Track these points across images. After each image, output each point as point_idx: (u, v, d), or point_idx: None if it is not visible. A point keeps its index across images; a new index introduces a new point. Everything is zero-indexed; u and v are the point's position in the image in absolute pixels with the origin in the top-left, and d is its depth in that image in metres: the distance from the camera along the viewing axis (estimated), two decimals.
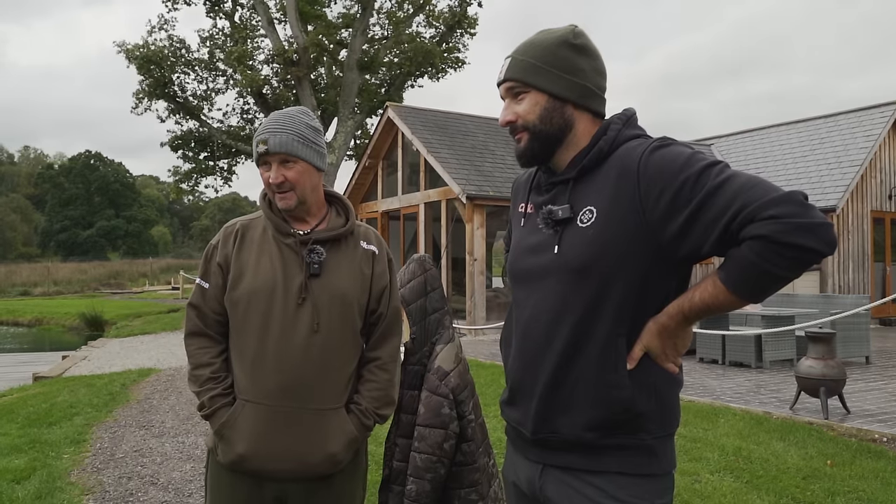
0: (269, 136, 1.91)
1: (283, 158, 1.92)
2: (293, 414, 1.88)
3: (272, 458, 1.88)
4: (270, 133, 1.92)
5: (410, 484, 2.12)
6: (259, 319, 1.90)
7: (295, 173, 1.94)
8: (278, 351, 1.88)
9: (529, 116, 1.55)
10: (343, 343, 1.94)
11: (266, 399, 1.88)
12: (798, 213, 1.26)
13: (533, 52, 1.55)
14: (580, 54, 1.54)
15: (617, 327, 1.45)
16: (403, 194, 15.31)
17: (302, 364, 1.88)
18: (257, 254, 1.96)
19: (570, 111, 1.54)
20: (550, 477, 1.55)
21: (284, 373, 1.88)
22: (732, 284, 1.35)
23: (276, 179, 1.92)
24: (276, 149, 1.91)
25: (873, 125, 15.55)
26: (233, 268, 1.95)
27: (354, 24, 22.14)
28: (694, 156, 1.40)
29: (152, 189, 79.79)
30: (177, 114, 23.40)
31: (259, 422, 1.88)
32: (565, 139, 1.56)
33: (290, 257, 1.94)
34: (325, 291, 1.92)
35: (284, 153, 1.92)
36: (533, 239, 1.59)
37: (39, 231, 68.36)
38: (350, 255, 2.01)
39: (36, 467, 4.83)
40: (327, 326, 1.91)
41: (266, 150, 1.91)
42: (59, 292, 39.11)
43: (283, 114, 1.98)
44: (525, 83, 1.55)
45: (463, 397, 2.26)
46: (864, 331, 9.13)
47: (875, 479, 4.38)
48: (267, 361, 1.89)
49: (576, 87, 1.53)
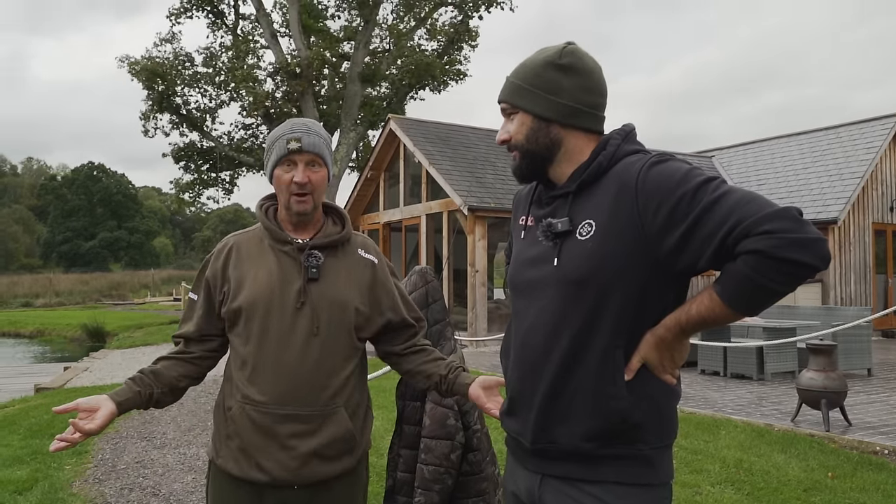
0: (303, 136, 1.93)
1: (312, 160, 1.94)
2: (293, 416, 1.88)
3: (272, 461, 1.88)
4: (303, 132, 1.93)
5: (419, 496, 2.14)
6: (258, 326, 1.91)
7: (319, 177, 1.95)
8: (278, 355, 1.89)
9: (518, 136, 1.60)
10: (341, 347, 1.94)
11: (267, 403, 1.89)
12: (793, 228, 1.29)
13: (521, 74, 1.60)
14: (565, 74, 1.56)
15: (615, 339, 1.47)
16: (405, 206, 15.35)
17: (301, 367, 1.89)
18: (256, 264, 1.97)
19: (557, 130, 1.57)
20: (549, 487, 1.56)
21: (284, 376, 1.89)
22: (728, 298, 1.38)
23: (303, 179, 1.92)
24: (310, 148, 1.92)
25: (874, 137, 15.59)
26: (232, 281, 1.97)
27: (357, 36, 22.29)
28: (691, 171, 1.43)
29: (154, 200, 79.94)
30: (180, 126, 23.50)
31: (260, 426, 1.89)
32: (554, 157, 1.59)
33: (287, 264, 1.94)
34: (323, 296, 1.93)
35: (315, 154, 1.94)
36: (533, 251, 1.61)
37: (42, 242, 68.46)
38: (348, 263, 2.01)
39: (38, 478, 4.83)
40: (326, 330, 1.91)
41: (299, 148, 1.91)
42: (60, 303, 39.13)
43: (306, 120, 2.01)
44: (513, 105, 1.60)
45: (468, 408, 2.28)
46: (866, 343, 9.12)
47: (876, 492, 4.38)
48: (267, 366, 1.90)
49: (559, 107, 1.56)
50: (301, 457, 1.88)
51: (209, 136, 23.84)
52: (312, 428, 1.89)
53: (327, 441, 1.90)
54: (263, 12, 22.25)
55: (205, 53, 23.38)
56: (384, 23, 23.00)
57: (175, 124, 23.45)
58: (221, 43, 23.71)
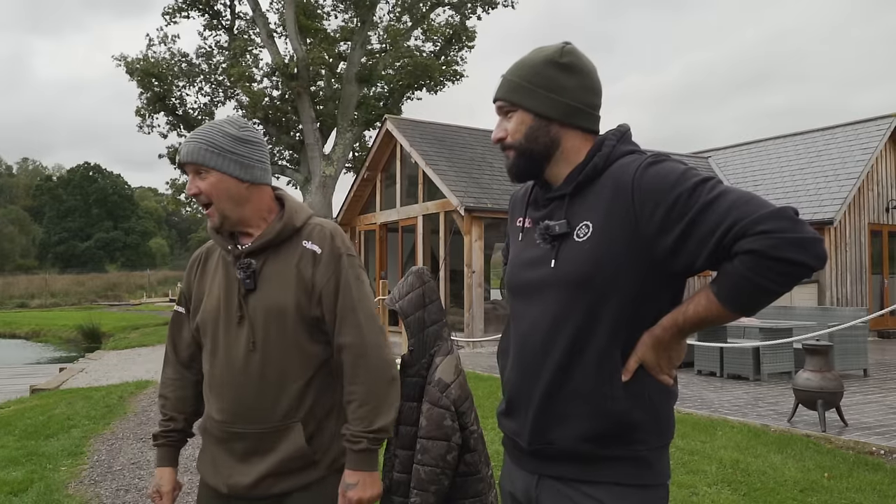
0: (186, 145, 1.83)
1: (196, 169, 1.83)
2: (242, 435, 1.84)
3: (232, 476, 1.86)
4: (188, 142, 1.83)
5: (415, 497, 2.13)
6: (210, 343, 1.89)
7: (208, 185, 1.82)
8: (221, 373, 1.85)
9: (516, 135, 1.59)
10: (285, 357, 1.82)
11: (222, 422, 1.86)
12: (789, 228, 1.29)
13: (520, 72, 1.58)
14: (567, 73, 1.55)
15: (612, 340, 1.47)
16: (402, 206, 15.35)
17: (243, 386, 1.82)
18: (211, 278, 1.93)
19: (556, 129, 1.57)
20: (546, 487, 1.56)
21: (229, 395, 1.84)
22: (725, 298, 1.38)
23: (189, 190, 1.85)
24: (188, 158, 1.82)
25: (870, 138, 15.63)
26: (194, 296, 1.96)
27: (353, 37, 22.27)
28: (687, 172, 1.43)
29: (150, 201, 79.83)
30: (177, 127, 23.45)
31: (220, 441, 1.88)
32: (553, 156, 1.58)
33: (232, 276, 1.87)
34: (259, 306, 1.82)
35: (193, 162, 1.81)
36: (530, 253, 1.61)
37: (37, 243, 68.32)
38: (287, 261, 1.85)
39: (33, 479, 4.82)
40: (264, 343, 1.81)
41: (181, 161, 1.83)
42: (56, 304, 39.08)
43: (206, 125, 1.88)
44: (512, 103, 1.59)
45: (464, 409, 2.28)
46: (862, 343, 9.15)
47: (872, 492, 4.39)
48: (215, 385, 1.87)
49: (560, 106, 1.55)
50: (255, 474, 1.83)
51: None
52: (265, 446, 1.83)
53: (280, 460, 1.82)
54: (260, 12, 22.23)
55: (201, 52, 23.36)
56: (381, 22, 23.02)
57: (172, 125, 23.40)
58: (217, 42, 23.72)
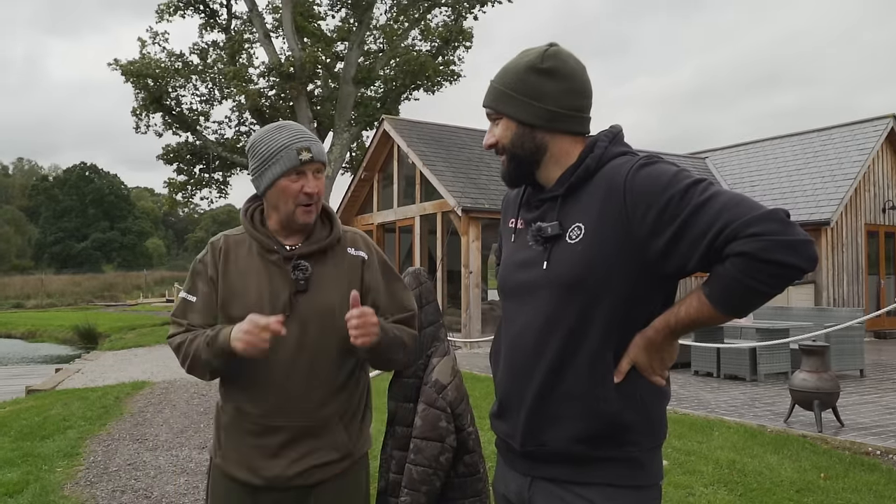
0: (312, 145, 1.89)
1: (318, 168, 1.91)
2: (283, 428, 1.88)
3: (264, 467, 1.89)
4: (311, 142, 1.90)
5: (405, 496, 2.13)
6: None
7: (322, 185, 1.93)
8: (267, 370, 1.88)
9: (504, 141, 1.60)
10: (331, 358, 1.92)
11: (258, 415, 1.89)
12: (780, 230, 1.29)
13: (504, 79, 1.58)
14: (548, 78, 1.54)
15: (604, 341, 1.47)
16: (399, 207, 15.34)
17: (289, 382, 1.88)
18: (245, 274, 1.93)
19: (542, 135, 1.56)
20: (539, 489, 1.56)
21: (273, 391, 1.88)
22: (716, 300, 1.38)
23: (314, 189, 1.89)
24: (320, 157, 1.89)
25: (866, 139, 15.67)
26: (221, 289, 1.93)
27: (350, 37, 22.26)
28: (679, 173, 1.43)
29: (147, 201, 79.71)
30: (173, 126, 23.42)
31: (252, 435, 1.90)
32: (541, 161, 1.58)
33: (276, 274, 1.91)
34: (311, 307, 1.89)
35: (322, 163, 1.91)
36: (523, 255, 1.61)
37: (33, 243, 68.19)
38: (338, 265, 1.96)
39: (29, 481, 4.81)
40: (314, 342, 1.89)
41: (311, 158, 1.88)
42: (52, 305, 39.03)
43: (300, 125, 1.97)
44: (496, 110, 1.59)
45: (461, 410, 2.28)
46: (859, 344, 9.17)
47: (868, 493, 4.40)
48: (257, 380, 1.89)
49: (542, 112, 1.55)
50: (292, 465, 1.89)
51: (202, 136, 23.75)
52: (304, 439, 1.90)
53: (318, 452, 1.91)
54: (256, 12, 22.22)
55: (196, 50, 23.33)
56: (378, 23, 23.01)
57: (168, 124, 23.37)
58: (214, 41, 23.70)
